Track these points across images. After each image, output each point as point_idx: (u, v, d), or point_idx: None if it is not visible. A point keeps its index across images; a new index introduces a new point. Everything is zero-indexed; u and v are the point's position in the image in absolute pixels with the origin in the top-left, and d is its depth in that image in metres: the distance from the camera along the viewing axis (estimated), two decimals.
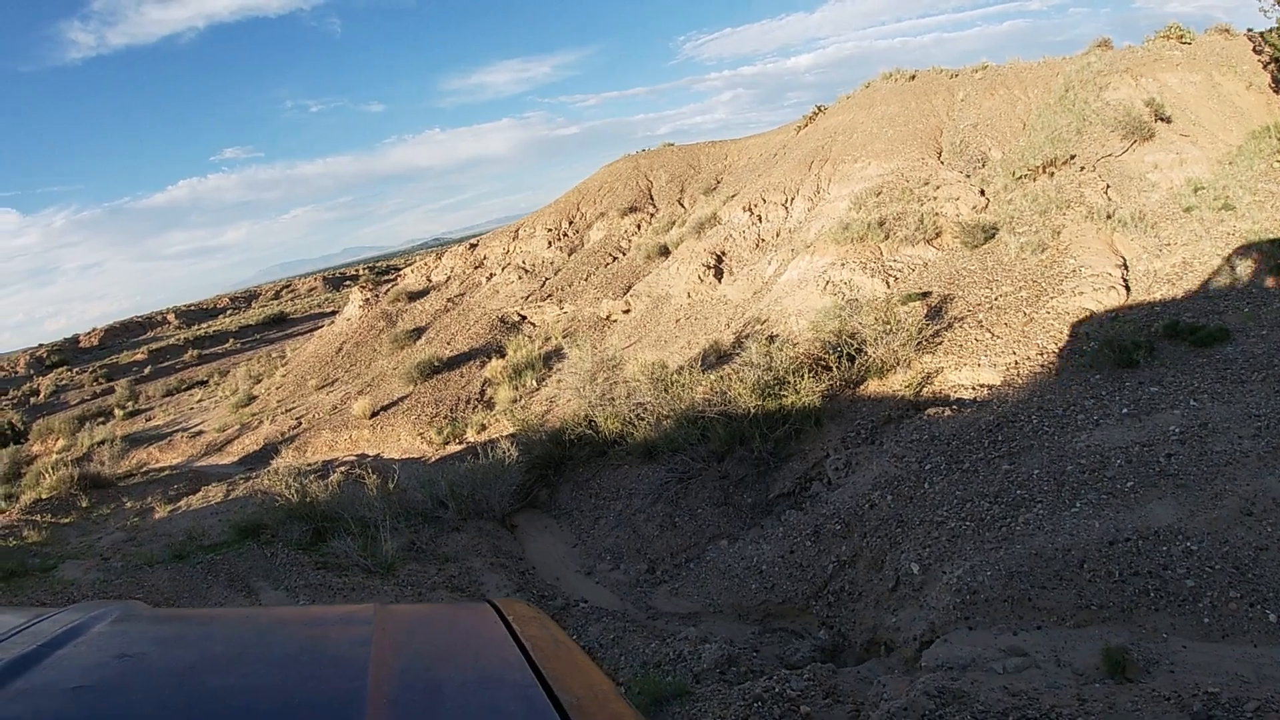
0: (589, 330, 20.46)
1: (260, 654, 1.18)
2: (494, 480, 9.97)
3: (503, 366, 18.07)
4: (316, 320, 47.27)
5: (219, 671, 1.09)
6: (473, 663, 1.15)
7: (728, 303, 18.45)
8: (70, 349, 54.60)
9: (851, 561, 8.13)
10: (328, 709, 0.96)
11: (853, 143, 21.88)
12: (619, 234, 26.69)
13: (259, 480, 15.02)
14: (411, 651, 1.15)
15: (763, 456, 9.82)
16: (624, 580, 8.86)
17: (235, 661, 1.14)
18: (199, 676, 1.06)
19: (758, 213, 21.62)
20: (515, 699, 0.99)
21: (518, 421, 15.11)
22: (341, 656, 1.12)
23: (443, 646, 1.22)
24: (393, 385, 19.46)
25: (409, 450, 16.03)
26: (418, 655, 1.14)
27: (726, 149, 31.12)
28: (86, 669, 1.04)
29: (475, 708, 0.98)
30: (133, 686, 1.02)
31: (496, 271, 27.14)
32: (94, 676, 1.01)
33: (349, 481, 13.71)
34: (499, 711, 0.97)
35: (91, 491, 16.38)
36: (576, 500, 10.85)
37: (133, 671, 1.06)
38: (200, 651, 1.17)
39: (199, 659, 1.12)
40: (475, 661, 1.15)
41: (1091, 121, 17.59)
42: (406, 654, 1.12)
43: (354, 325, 26.26)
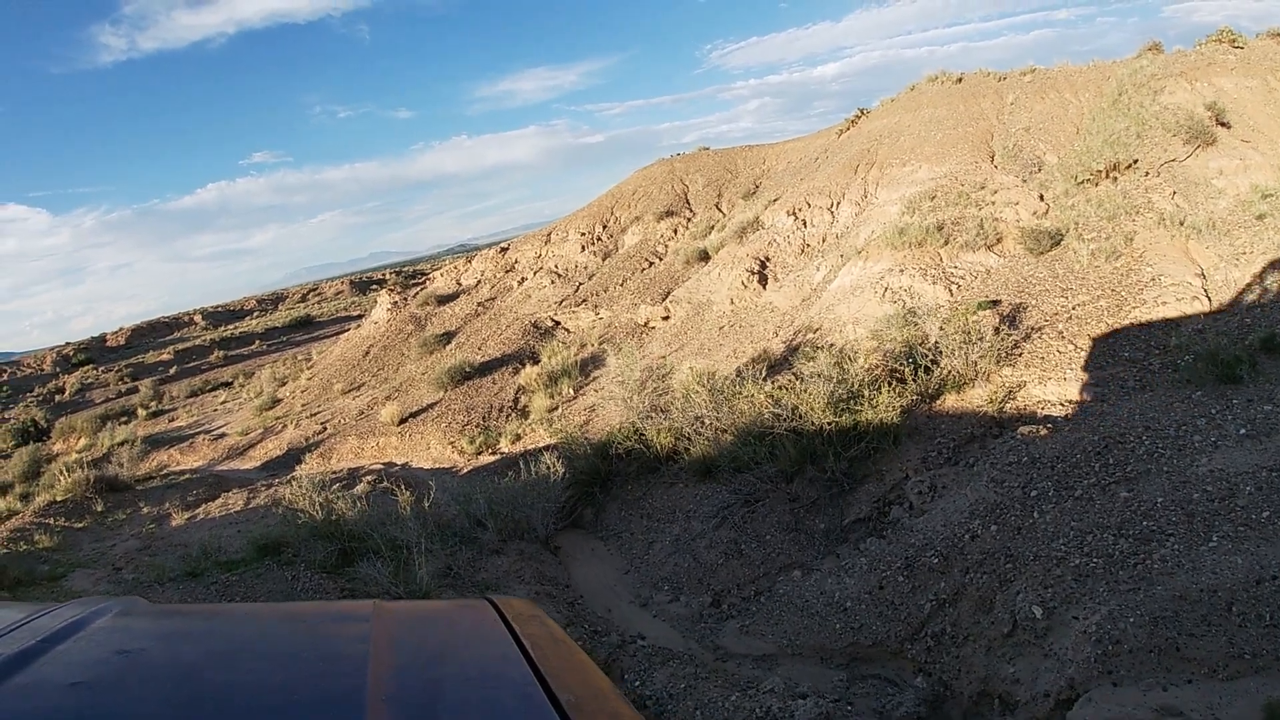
0: (626, 337, 19.58)
1: (260, 650, 1.15)
2: (537, 498, 9.05)
3: (537, 373, 17.19)
4: (343, 324, 46.80)
5: (219, 667, 1.07)
6: (472, 660, 1.13)
7: (774, 310, 17.55)
8: (97, 348, 54.51)
9: (953, 600, 7.14)
10: (327, 705, 0.93)
11: (900, 146, 21.01)
12: (655, 238, 25.88)
13: (281, 488, 14.23)
14: (411, 648, 1.13)
15: (836, 477, 8.85)
16: (685, 614, 7.90)
17: (235, 658, 1.12)
18: (199, 672, 1.05)
19: (802, 217, 20.75)
20: (514, 696, 0.97)
21: (556, 432, 14.21)
22: (341, 653, 1.10)
23: (442, 644, 1.21)
24: (422, 391, 18.64)
25: (439, 460, 15.17)
26: (417, 652, 1.13)
27: (764, 153, 30.27)
28: (86, 664, 1.01)
29: (474, 705, 0.97)
30: (132, 682, 0.99)
31: (528, 275, 26.37)
32: (94, 672, 0.99)
33: (377, 493, 12.86)
34: (498, 709, 0.96)
35: (108, 495, 15.66)
36: (626, 521, 9.92)
37: (132, 667, 1.03)
38: (200, 648, 1.17)
39: (199, 655, 1.12)
40: (474, 659, 1.14)
41: (1150, 126, 16.70)
42: (406, 651, 1.11)
43: (381, 328, 25.53)
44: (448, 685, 1.03)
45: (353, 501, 8.22)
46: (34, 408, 37.22)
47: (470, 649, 1.21)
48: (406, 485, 13.32)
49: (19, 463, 22.97)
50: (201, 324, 61.05)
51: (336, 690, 0.98)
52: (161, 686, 1.01)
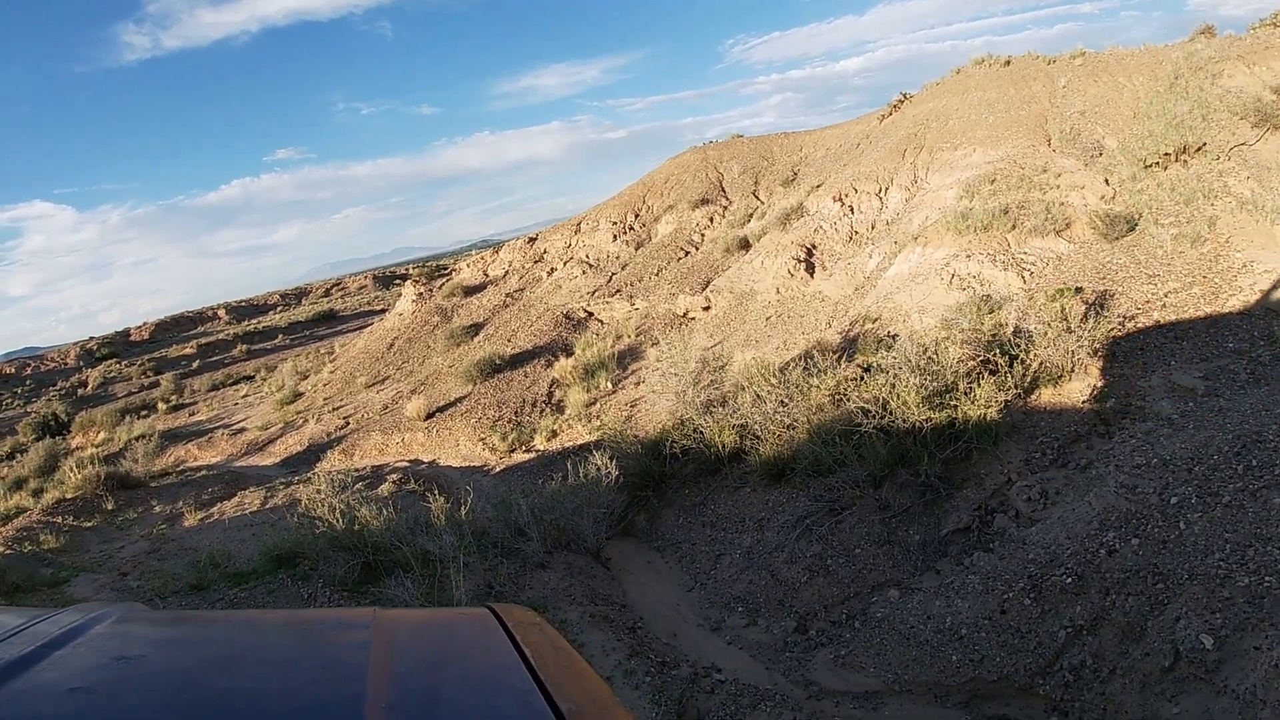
0: (664, 328, 18.48)
1: (259, 657, 1.14)
2: (586, 503, 7.93)
3: (572, 366, 16.12)
4: (366, 318, 46.14)
5: (217, 674, 1.06)
6: (472, 668, 1.12)
7: (824, 299, 16.44)
8: (121, 342, 54.20)
9: (1092, 627, 5.96)
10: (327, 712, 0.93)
11: (949, 129, 19.94)
12: (690, 227, 24.80)
13: (300, 487, 13.25)
14: (410, 656, 1.12)
15: (930, 482, 7.68)
16: (766, 641, 6.77)
17: (234, 664, 1.10)
18: (197, 679, 1.04)
19: (849, 203, 19.64)
20: (514, 705, 0.97)
21: (596, 428, 13.14)
22: (340, 660, 1.09)
23: (442, 652, 1.18)
24: (449, 384, 17.62)
25: (469, 457, 14.13)
26: (417, 660, 1.11)
27: (800, 140, 29.14)
28: (85, 670, 1.01)
29: (474, 712, 0.96)
30: (131, 688, 0.99)
31: (558, 266, 25.35)
32: (92, 678, 0.99)
33: (403, 494, 11.82)
34: (498, 716, 0.96)
35: (119, 492, 14.76)
36: (685, 529, 8.80)
37: (131, 673, 1.03)
38: (199, 654, 1.14)
39: (198, 661, 1.10)
40: (474, 667, 1.13)
41: (1214, 109, 15.66)
42: (405, 659, 1.09)
43: (407, 320, 24.57)
44: (448, 693, 1.00)
45: (378, 508, 7.14)
46: (56, 402, 36.72)
47: (470, 657, 1.16)
48: (435, 485, 12.28)
49: (35, 457, 22.26)
50: (225, 318, 60.74)
51: (336, 697, 0.96)
52: (160, 693, 0.98)
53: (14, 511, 15.09)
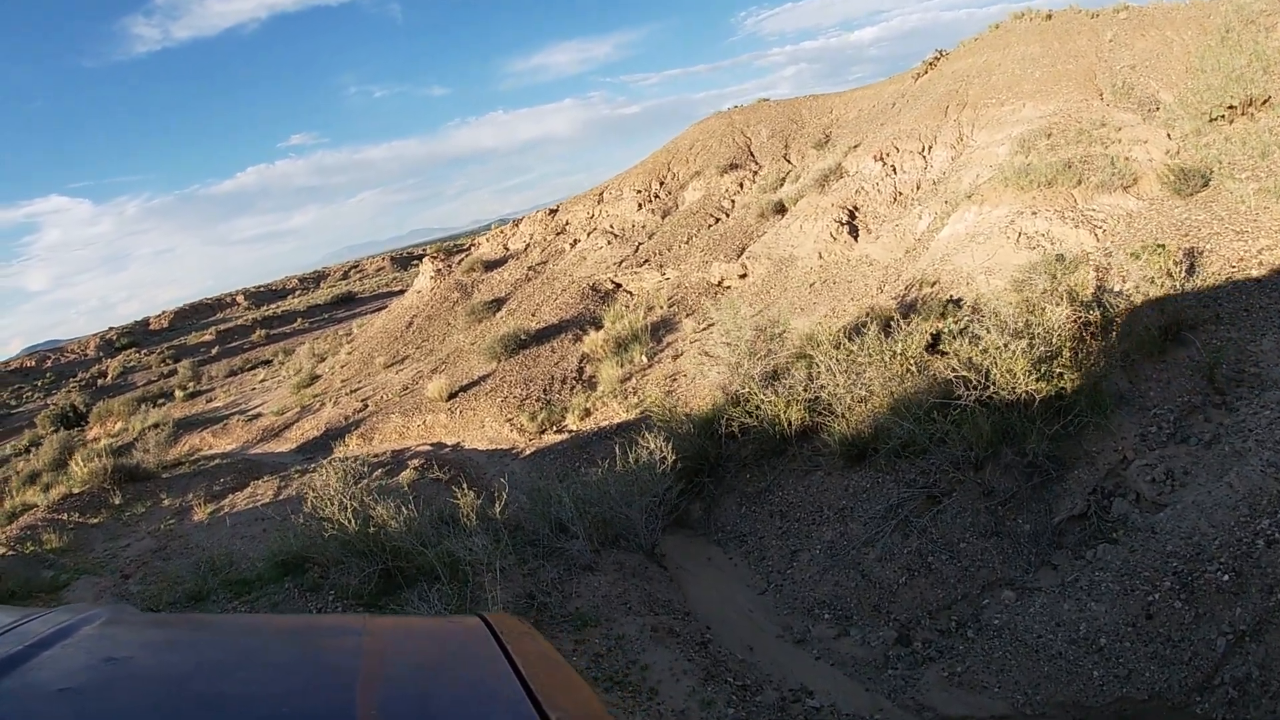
0: (699, 297, 17.38)
1: (249, 662, 1.13)
2: (638, 493, 6.84)
3: (603, 340, 15.02)
4: (384, 299, 45.29)
5: (207, 677, 1.04)
6: (462, 677, 1.12)
7: (872, 263, 15.31)
8: (140, 331, 53.76)
9: (1256, 633, 4.85)
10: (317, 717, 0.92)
11: (993, 85, 18.84)
12: (719, 193, 23.59)
13: (315, 475, 12.30)
14: (402, 663, 1.11)
15: (1037, 462, 6.53)
16: (863, 655, 5.69)
17: (224, 668, 1.09)
18: (186, 682, 1.02)
19: (891, 163, 18.44)
20: (505, 714, 0.96)
21: (633, 406, 12.06)
22: (331, 667, 1.08)
23: (433, 659, 1.18)
24: (472, 362, 16.59)
25: (496, 439, 13.09)
26: (408, 667, 1.11)
27: (830, 102, 27.82)
28: (73, 671, 1.00)
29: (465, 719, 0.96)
30: (119, 690, 0.98)
31: (581, 237, 24.23)
32: (80, 679, 0.98)
33: (425, 482, 10.81)
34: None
35: (128, 485, 13.88)
36: (750, 520, 7.71)
37: (119, 675, 1.02)
38: (188, 657, 1.12)
39: (187, 664, 1.09)
40: (465, 675, 1.12)
41: (1275, 61, 14.53)
42: (396, 665, 1.09)
43: (425, 298, 23.55)
44: (438, 701, 0.99)
45: (396, 503, 6.06)
46: (75, 393, 36.15)
47: (461, 666, 1.15)
48: (460, 471, 11.27)
49: (49, 450, 21.55)
50: (244, 304, 60.20)
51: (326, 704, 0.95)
52: (149, 695, 0.97)
53: (20, 509, 14.29)
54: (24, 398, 41.14)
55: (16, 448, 28.73)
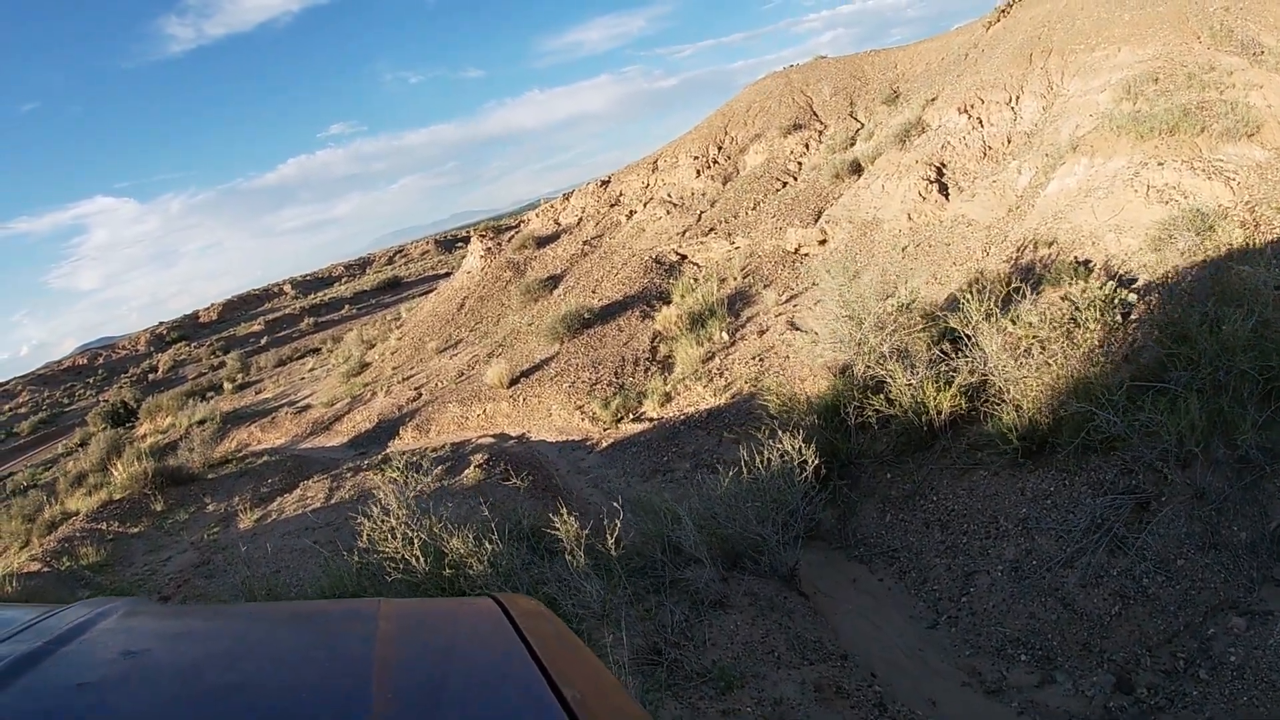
0: (775, 266, 15.88)
1: (265, 650, 1.12)
2: (770, 505, 5.42)
3: (676, 316, 13.59)
4: (431, 282, 44.43)
5: (223, 667, 1.05)
6: (476, 658, 1.10)
7: (971, 224, 13.73)
8: (190, 325, 53.70)
9: None
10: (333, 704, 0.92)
11: (1078, 29, 17.09)
12: (784, 155, 21.98)
13: (370, 474, 11.10)
14: (416, 646, 1.10)
15: (1248, 456, 4.96)
16: (1077, 708, 4.28)
17: (240, 657, 1.09)
18: (203, 673, 1.03)
19: (976, 115, 16.70)
20: (519, 693, 0.96)
21: (722, 389, 10.64)
22: (346, 652, 1.08)
23: (446, 642, 1.16)
24: (531, 344, 15.29)
25: (565, 429, 11.76)
26: (422, 650, 1.10)
27: (893, 56, 26.02)
28: (91, 666, 1.00)
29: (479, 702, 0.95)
30: (137, 683, 0.97)
31: (638, 208, 22.79)
32: (98, 673, 0.98)
33: (493, 482, 9.50)
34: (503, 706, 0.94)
35: (170, 490, 12.87)
36: (900, 531, 6.27)
37: (137, 668, 1.01)
38: (205, 648, 1.14)
39: (203, 655, 1.10)
40: (479, 656, 1.11)
41: None
42: (411, 649, 1.08)
43: (476, 278, 22.31)
44: (453, 682, 0.98)
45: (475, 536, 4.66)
46: (126, 389, 35.84)
47: (476, 647, 1.13)
48: (533, 469, 9.96)
49: (96, 450, 20.83)
50: (291, 293, 59.95)
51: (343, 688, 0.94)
52: (167, 687, 0.97)
53: (60, 518, 13.37)
54: (76, 396, 41.08)
55: (68, 446, 28.39)
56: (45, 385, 45.41)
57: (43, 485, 21.53)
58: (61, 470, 22.88)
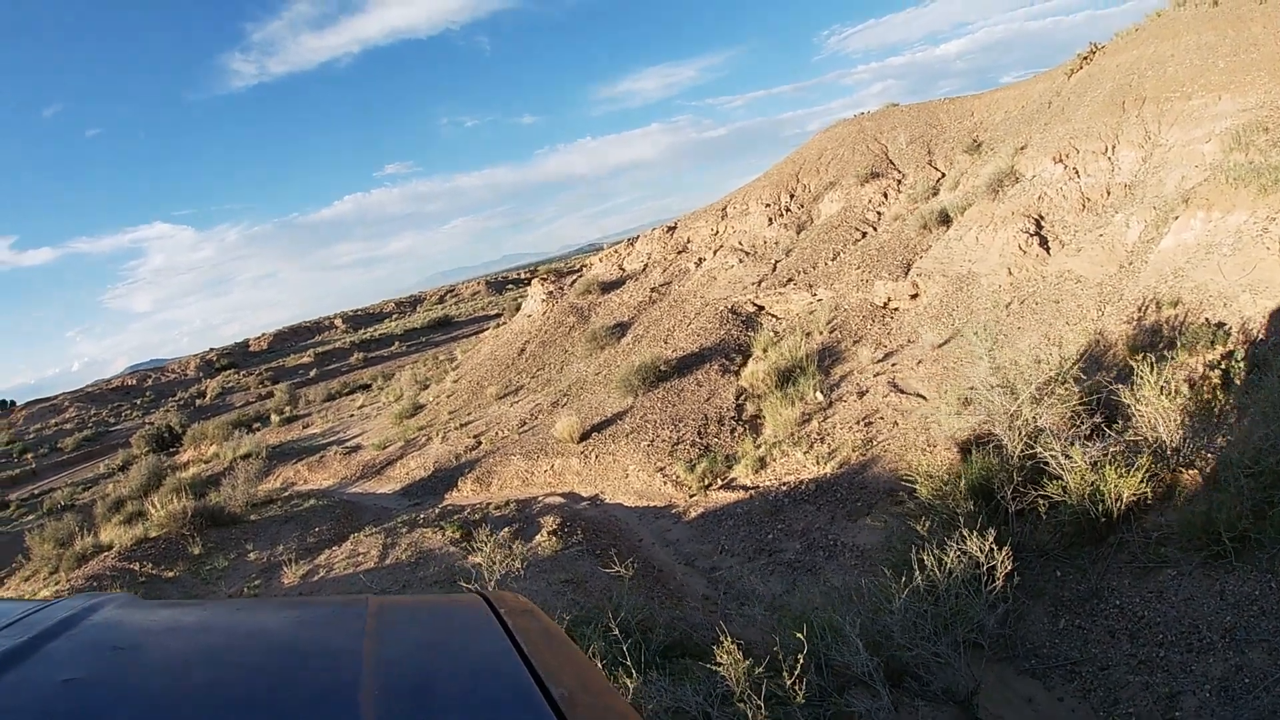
0: (864, 321, 14.76)
1: (254, 645, 1.11)
2: (957, 619, 4.27)
3: (765, 372, 12.46)
4: (481, 323, 43.91)
5: (212, 662, 1.03)
6: (465, 654, 1.09)
7: (1079, 280, 12.61)
8: (240, 352, 53.80)
9: None
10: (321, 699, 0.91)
11: (1170, 77, 16.19)
12: (861, 204, 21.02)
13: (429, 531, 10.06)
14: (404, 643, 1.08)
15: None
16: None
17: (228, 652, 1.07)
18: (191, 667, 1.02)
19: (1072, 165, 15.71)
20: (507, 690, 0.95)
21: (825, 456, 9.46)
22: (335, 647, 1.07)
23: (435, 638, 1.16)
24: (600, 396, 14.26)
25: (645, 493, 10.63)
26: (410, 646, 1.08)
27: (969, 105, 25.15)
28: (79, 661, 0.99)
29: (467, 697, 0.95)
30: (124, 678, 0.97)
31: (707, 255, 21.88)
32: (86, 668, 0.96)
33: (571, 553, 8.37)
34: (490, 702, 0.94)
35: (209, 531, 11.94)
36: (1078, 639, 5.05)
37: (125, 663, 1.01)
38: (193, 642, 1.12)
39: (192, 650, 1.09)
40: (467, 653, 1.10)
41: None
42: (399, 645, 1.06)
43: (537, 323, 21.45)
44: (441, 679, 0.98)
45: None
46: (173, 412, 35.53)
47: (464, 644, 1.11)
48: (613, 539, 8.84)
49: (137, 475, 20.18)
50: (342, 327, 60.04)
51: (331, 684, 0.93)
52: (155, 681, 0.96)
53: (90, 550, 12.48)
54: (123, 416, 40.96)
55: (110, 466, 28.01)
56: (93, 403, 45.51)
57: (80, 507, 21.02)
58: (100, 493, 22.32)
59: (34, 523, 19.91)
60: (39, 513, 22.08)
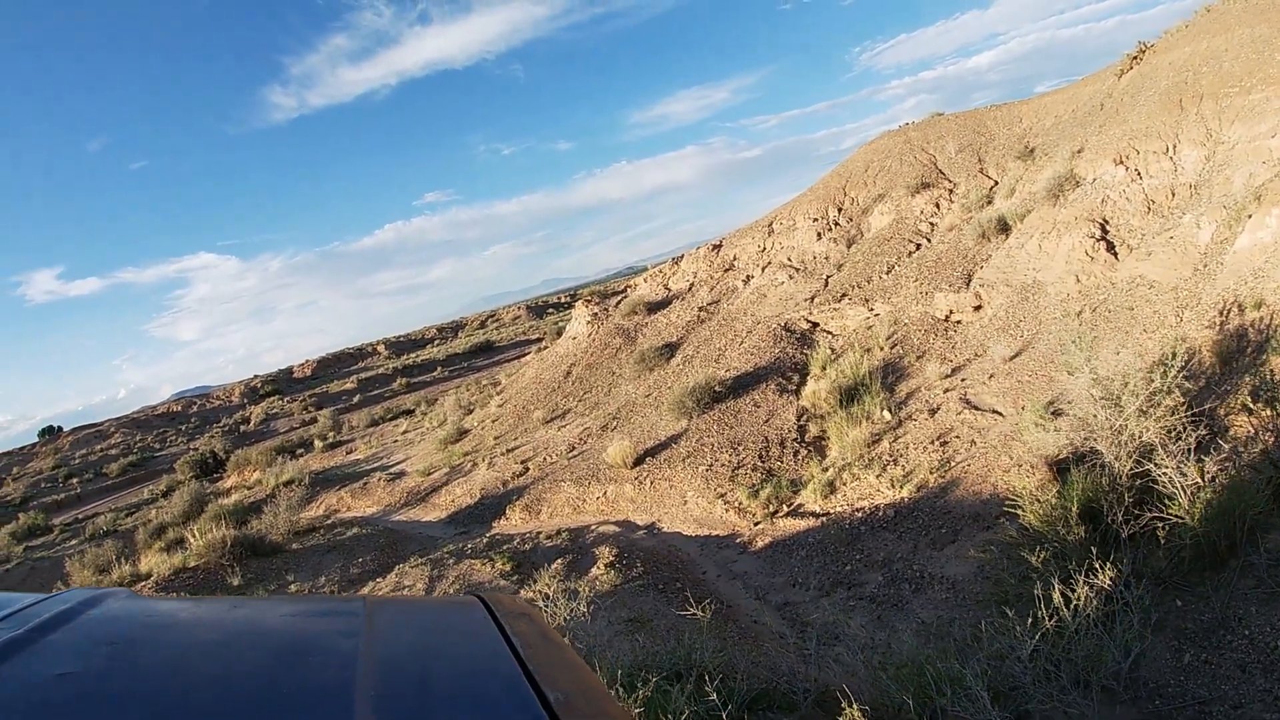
0: (926, 335, 14.03)
1: (250, 642, 1.07)
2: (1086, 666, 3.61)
3: (827, 391, 11.80)
4: (523, 347, 43.69)
5: (207, 659, 0.99)
6: (461, 656, 1.06)
7: (1153, 285, 11.90)
8: (284, 379, 54.17)
9: None
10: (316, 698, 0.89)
11: (1228, 72, 15.54)
12: (913, 216, 20.32)
13: (476, 565, 9.53)
14: (400, 643, 1.06)
15: None
16: None
17: (224, 649, 1.03)
18: (186, 663, 0.97)
19: (1134, 167, 14.97)
20: (502, 692, 0.93)
21: (900, 479, 8.77)
22: (330, 646, 1.03)
23: (431, 639, 1.12)
24: (652, 419, 13.68)
25: (705, 520, 10.00)
26: (406, 647, 1.06)
27: (1018, 110, 24.41)
28: (74, 655, 0.94)
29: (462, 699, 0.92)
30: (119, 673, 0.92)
31: (755, 273, 21.29)
32: (80, 663, 0.92)
33: (631, 588, 7.76)
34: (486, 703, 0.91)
35: (250, 561, 11.55)
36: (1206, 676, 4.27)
37: (120, 658, 0.96)
38: (189, 639, 1.07)
39: (187, 646, 1.04)
40: (463, 655, 1.06)
41: None
42: (395, 645, 1.04)
43: (583, 344, 20.97)
44: (437, 681, 0.95)
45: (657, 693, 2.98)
46: (217, 439, 35.65)
47: (460, 645, 1.09)
48: (676, 571, 8.22)
49: (180, 501, 20.01)
50: (384, 353, 60.27)
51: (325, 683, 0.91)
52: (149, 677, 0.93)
53: (128, 579, 12.18)
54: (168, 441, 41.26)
55: (154, 492, 28.06)
56: (138, 428, 45.98)
57: (122, 532, 20.96)
58: (143, 518, 22.25)
59: (76, 548, 19.84)
60: (81, 538, 22.09)
